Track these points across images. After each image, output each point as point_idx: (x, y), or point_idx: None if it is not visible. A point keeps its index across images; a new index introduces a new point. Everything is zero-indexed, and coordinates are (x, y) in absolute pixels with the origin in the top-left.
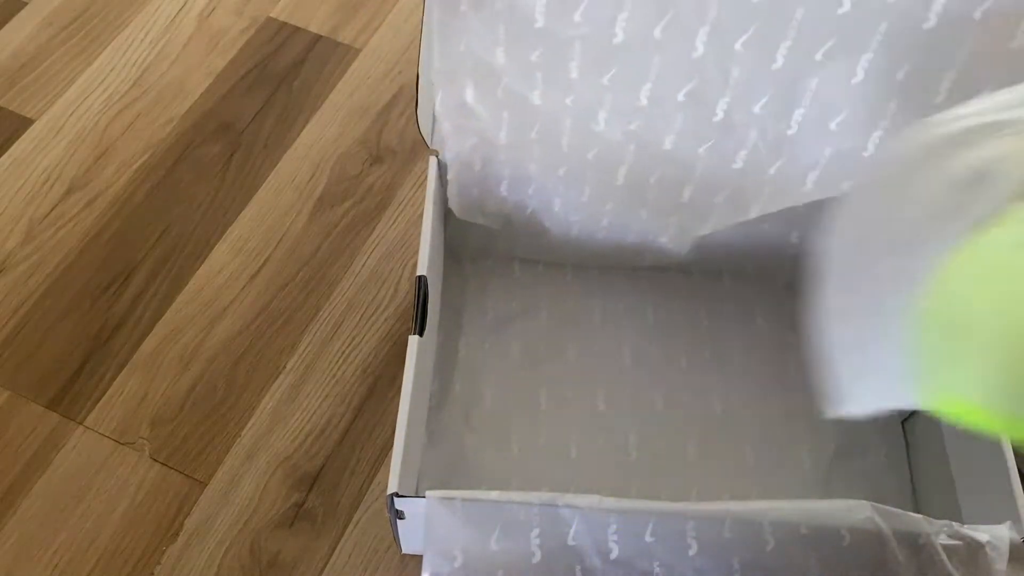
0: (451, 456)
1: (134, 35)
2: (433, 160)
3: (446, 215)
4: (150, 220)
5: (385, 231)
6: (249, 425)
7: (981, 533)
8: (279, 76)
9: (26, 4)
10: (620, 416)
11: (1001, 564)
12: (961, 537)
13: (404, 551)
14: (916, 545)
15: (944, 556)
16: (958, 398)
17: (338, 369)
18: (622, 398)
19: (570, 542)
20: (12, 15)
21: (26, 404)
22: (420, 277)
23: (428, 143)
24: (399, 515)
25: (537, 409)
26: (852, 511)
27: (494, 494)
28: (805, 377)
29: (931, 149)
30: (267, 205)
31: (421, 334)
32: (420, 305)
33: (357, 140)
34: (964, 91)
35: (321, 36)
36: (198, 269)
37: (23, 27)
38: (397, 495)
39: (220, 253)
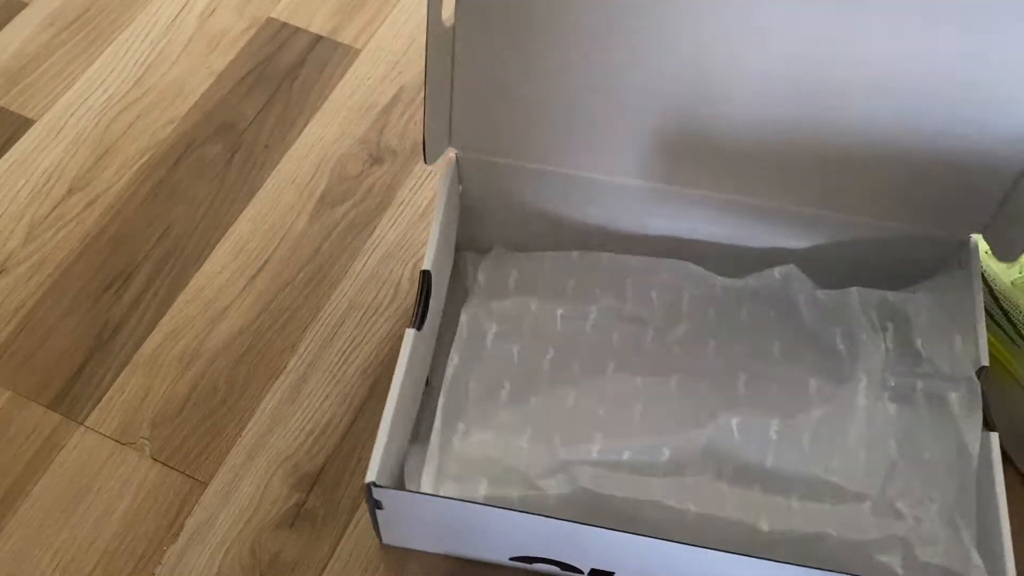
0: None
1: (135, 35)
2: (452, 154)
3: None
4: (151, 220)
5: (386, 231)
6: (250, 425)
7: None
8: (280, 76)
9: (27, 4)
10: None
11: None
12: None
13: (384, 542)
14: None
15: None
16: None
17: (339, 369)
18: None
19: None
20: (13, 15)
21: (27, 404)
22: (424, 271)
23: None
24: (377, 505)
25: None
26: None
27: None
28: None
29: None
30: (268, 205)
31: (419, 328)
32: (423, 299)
33: (357, 140)
34: None
35: (321, 36)
36: (199, 269)
37: (24, 27)
38: (375, 485)
39: (221, 253)
